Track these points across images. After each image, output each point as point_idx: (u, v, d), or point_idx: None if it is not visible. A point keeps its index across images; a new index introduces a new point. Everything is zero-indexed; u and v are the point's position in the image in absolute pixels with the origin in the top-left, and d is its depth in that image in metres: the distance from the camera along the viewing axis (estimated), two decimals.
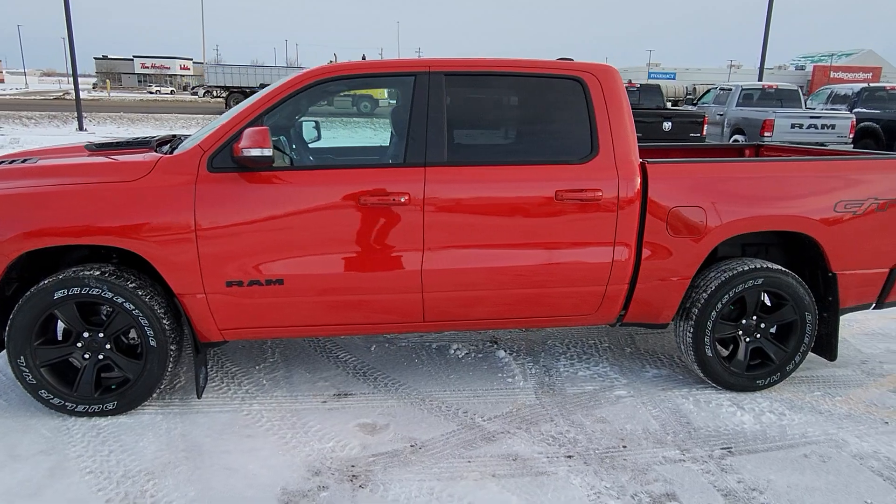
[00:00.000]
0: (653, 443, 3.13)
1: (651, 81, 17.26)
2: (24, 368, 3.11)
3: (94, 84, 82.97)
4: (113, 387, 3.25)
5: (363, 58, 68.59)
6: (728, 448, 3.09)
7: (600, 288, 3.47)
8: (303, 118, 4.09)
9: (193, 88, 68.30)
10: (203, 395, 3.43)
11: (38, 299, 3.05)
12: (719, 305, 3.54)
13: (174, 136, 3.95)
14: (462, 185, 3.27)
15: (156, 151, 3.39)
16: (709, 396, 3.61)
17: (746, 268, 3.54)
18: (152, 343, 3.16)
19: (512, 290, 3.41)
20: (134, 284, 3.12)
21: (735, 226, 3.48)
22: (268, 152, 2.94)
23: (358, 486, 2.73)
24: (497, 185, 3.30)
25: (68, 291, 3.06)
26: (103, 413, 3.21)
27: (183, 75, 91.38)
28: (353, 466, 2.86)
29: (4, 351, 3.14)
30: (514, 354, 4.14)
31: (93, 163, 3.27)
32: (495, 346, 4.28)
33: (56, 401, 3.17)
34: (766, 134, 12.52)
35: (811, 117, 12.67)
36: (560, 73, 3.44)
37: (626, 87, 15.08)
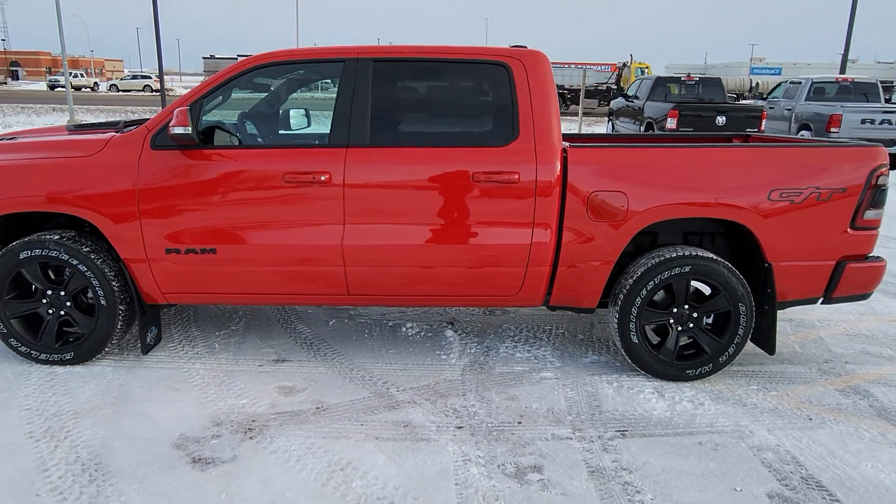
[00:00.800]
0: (550, 422, 3.17)
1: (711, 76, 16.53)
2: None
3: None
4: (71, 339, 3.66)
5: None
6: (623, 431, 3.10)
7: (519, 269, 3.53)
8: (290, 107, 4.38)
9: None
10: (156, 353, 3.79)
11: (6, 259, 3.50)
12: (644, 292, 3.51)
13: (142, 119, 4.35)
14: (381, 167, 3.44)
15: (119, 132, 3.77)
16: (634, 383, 3.59)
17: (674, 255, 3.49)
18: (102, 302, 3.54)
19: (432, 268, 3.54)
20: (88, 249, 3.51)
21: (657, 212, 3.44)
22: (188, 130, 3.23)
23: (248, 437, 2.97)
24: (415, 167, 3.44)
25: (31, 253, 3.49)
26: (62, 362, 3.63)
27: None
28: (253, 421, 3.11)
29: None
30: (463, 335, 4.26)
31: (57, 140, 3.70)
32: (451, 326, 4.41)
33: (23, 349, 3.62)
34: (832, 129, 11.79)
35: (885, 112, 11.78)
36: (485, 58, 3.53)
37: (685, 82, 14.51)
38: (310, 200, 3.45)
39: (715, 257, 3.49)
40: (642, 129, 13.48)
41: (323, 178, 3.40)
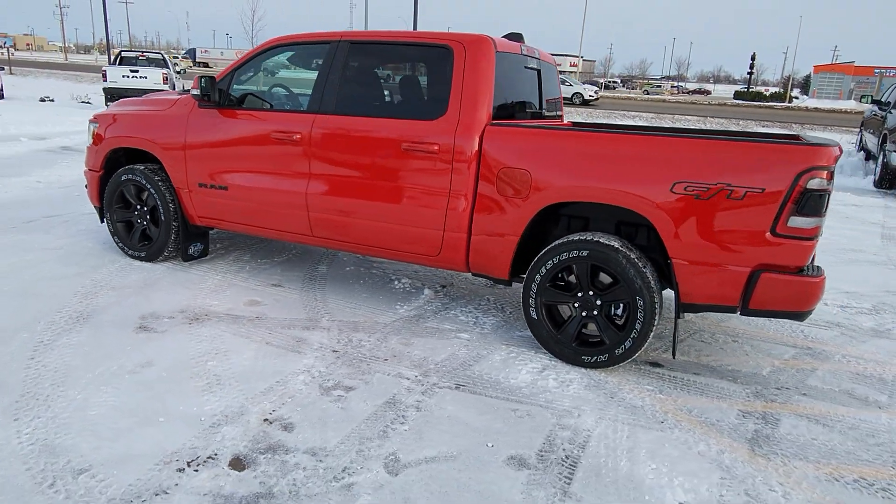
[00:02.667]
0: (411, 365, 3.54)
1: None
2: (109, 223, 5.11)
3: None
4: (146, 243, 5.06)
5: (752, 58, 63.44)
6: (461, 386, 3.34)
7: (438, 232, 3.90)
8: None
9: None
10: (198, 264, 5.03)
11: (115, 180, 5.00)
12: (543, 270, 3.62)
13: None
14: (336, 132, 4.11)
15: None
16: (530, 357, 3.71)
17: (576, 238, 3.54)
18: (163, 218, 4.85)
19: (372, 221, 4.10)
20: (158, 179, 4.83)
21: (558, 192, 3.52)
22: (196, 92, 4.29)
23: (189, 323, 3.93)
24: (360, 134, 4.04)
25: (127, 177, 4.93)
26: (139, 258, 5.04)
27: (572, 72, 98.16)
28: (205, 315, 4.07)
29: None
30: (440, 296, 4.70)
31: (153, 97, 5.08)
32: (441, 289, 4.88)
33: (120, 245, 5.12)
34: None
35: None
36: (434, 42, 3.94)
37: None
38: (287, 154, 4.27)
39: (616, 246, 3.43)
40: (878, 142, 11.44)
41: (295, 138, 4.20)
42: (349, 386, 3.27)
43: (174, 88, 19.50)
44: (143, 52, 21.63)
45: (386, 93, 4.35)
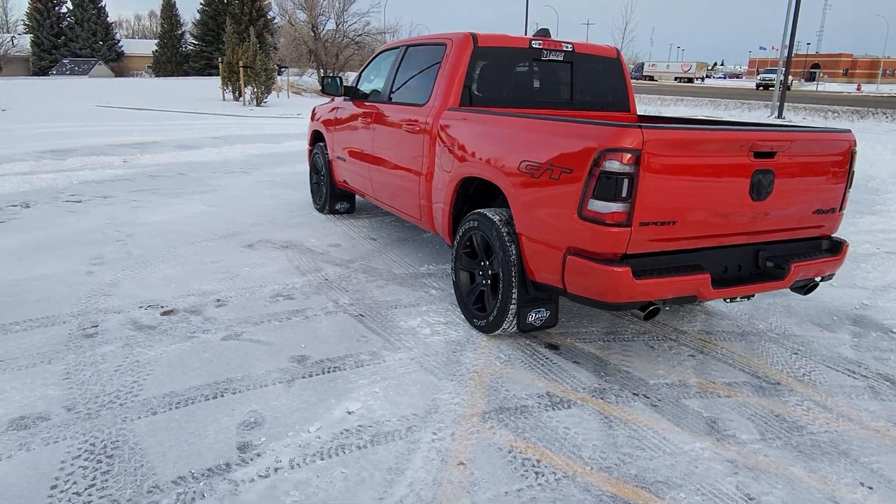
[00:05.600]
0: (349, 292, 4.45)
1: None
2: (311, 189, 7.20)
3: None
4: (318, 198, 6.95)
5: None
6: (362, 315, 4.13)
7: (416, 199, 4.64)
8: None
9: None
10: (341, 218, 6.69)
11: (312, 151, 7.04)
12: (458, 238, 4.07)
13: None
14: (380, 115, 5.17)
15: None
16: (441, 313, 4.18)
17: (475, 211, 3.90)
18: (325, 180, 6.65)
19: (397, 188, 5.00)
20: (317, 151, 6.64)
21: (461, 170, 3.95)
22: (318, 86, 5.84)
23: (272, 248, 5.59)
24: (390, 117, 5.02)
25: (315, 151, 6.90)
26: (319, 210, 6.97)
27: None
28: (288, 242, 5.67)
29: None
30: None
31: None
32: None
33: (313, 200, 7.15)
34: None
35: None
36: (440, 41, 4.64)
37: None
38: (365, 133, 5.53)
39: (495, 220, 3.66)
40: None
41: (368, 121, 5.43)
42: (298, 295, 4.43)
43: None
44: None
45: (412, 85, 5.17)
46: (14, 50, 56.13)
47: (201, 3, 51.93)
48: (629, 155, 2.84)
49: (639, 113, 5.28)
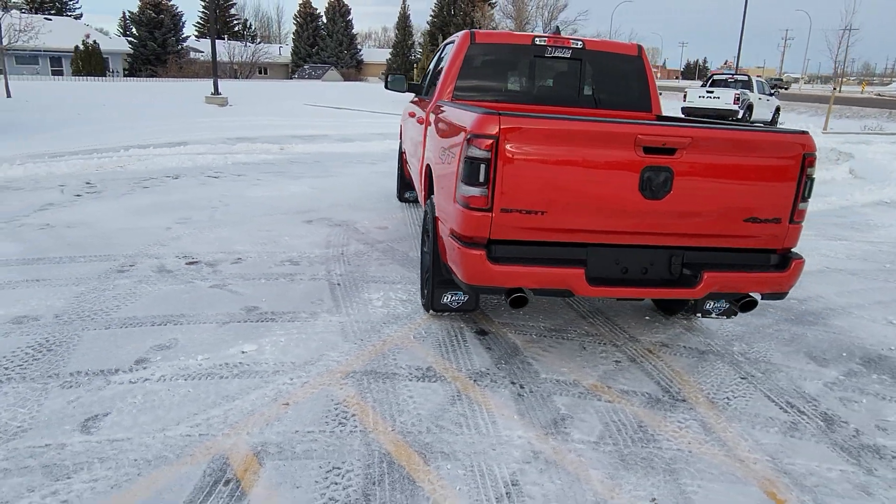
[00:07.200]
0: (341, 264, 4.92)
1: None
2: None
3: None
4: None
5: None
6: (334, 284, 4.58)
7: (422, 184, 4.95)
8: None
9: None
10: (406, 203, 7.18)
11: None
12: (424, 218, 4.33)
13: None
14: (419, 109, 5.54)
15: None
16: (413, 296, 4.43)
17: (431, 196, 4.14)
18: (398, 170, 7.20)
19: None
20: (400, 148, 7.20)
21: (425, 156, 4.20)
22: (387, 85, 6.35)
23: (297, 220, 6.25)
24: (419, 111, 5.37)
25: None
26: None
27: None
28: (328, 218, 6.28)
29: None
30: None
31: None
32: None
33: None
34: None
35: None
36: (454, 38, 4.88)
37: None
38: (412, 125, 5.94)
39: (430, 206, 3.90)
40: None
41: (412, 114, 5.84)
42: (304, 262, 5.03)
43: (745, 108, 20.28)
44: (732, 74, 22.90)
45: (434, 80, 5.39)
46: (280, 58, 65.81)
47: (430, 16, 56.00)
48: (488, 141, 2.93)
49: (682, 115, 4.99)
